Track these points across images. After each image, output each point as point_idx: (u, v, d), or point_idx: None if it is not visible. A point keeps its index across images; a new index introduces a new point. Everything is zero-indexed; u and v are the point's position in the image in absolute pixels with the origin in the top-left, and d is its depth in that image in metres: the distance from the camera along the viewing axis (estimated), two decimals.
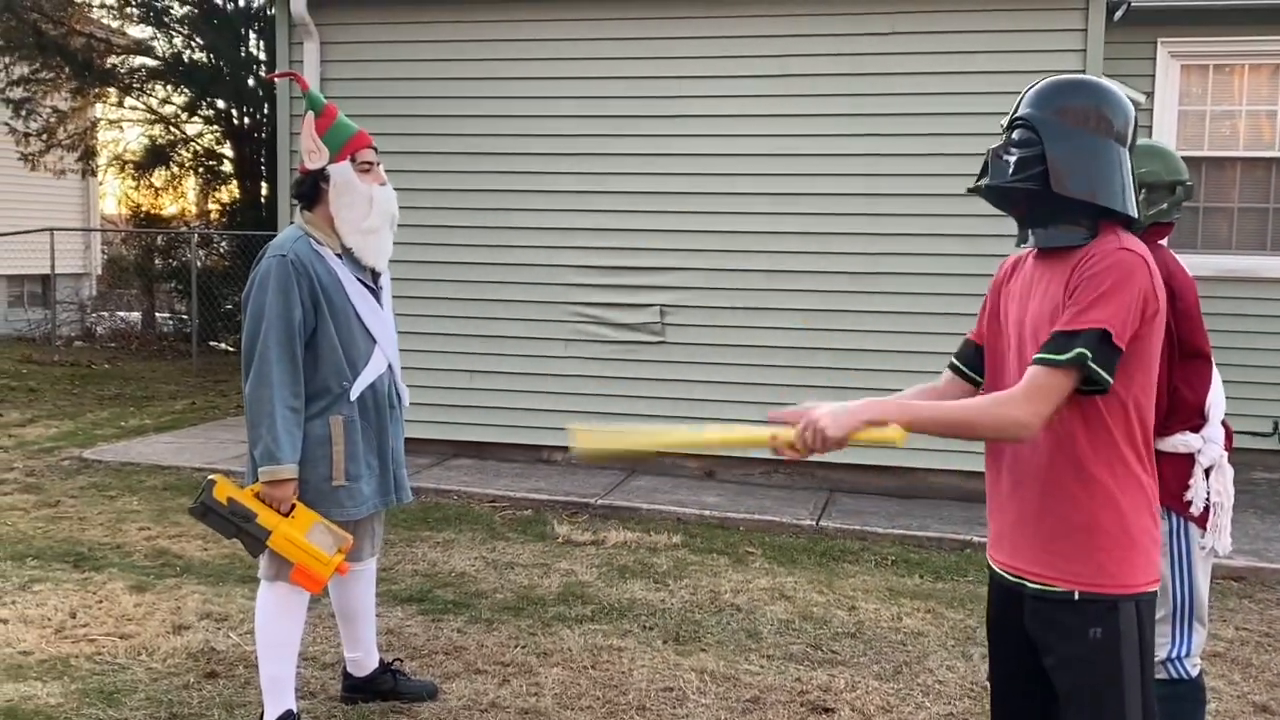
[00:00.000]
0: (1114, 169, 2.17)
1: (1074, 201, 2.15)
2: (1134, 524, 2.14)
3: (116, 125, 16.21)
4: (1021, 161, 2.19)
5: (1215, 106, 8.19)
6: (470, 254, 7.54)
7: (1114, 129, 2.18)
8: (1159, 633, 2.98)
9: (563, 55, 7.30)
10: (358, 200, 3.45)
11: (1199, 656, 3.06)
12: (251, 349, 3.33)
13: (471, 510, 6.50)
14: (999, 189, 2.22)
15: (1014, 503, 2.24)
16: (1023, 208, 2.23)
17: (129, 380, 11.62)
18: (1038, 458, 2.18)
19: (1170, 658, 3.00)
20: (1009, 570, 2.26)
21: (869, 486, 7.10)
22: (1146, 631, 2.16)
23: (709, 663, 4.29)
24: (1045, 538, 2.18)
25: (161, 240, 15.56)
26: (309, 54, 7.53)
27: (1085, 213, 2.17)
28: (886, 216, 6.92)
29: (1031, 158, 2.18)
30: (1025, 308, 2.24)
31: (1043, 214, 2.21)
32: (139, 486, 6.84)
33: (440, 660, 4.24)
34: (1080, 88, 2.21)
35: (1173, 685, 3.02)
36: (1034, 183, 2.17)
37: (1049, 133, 2.17)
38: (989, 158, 2.26)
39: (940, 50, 6.80)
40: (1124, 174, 2.18)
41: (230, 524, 3.32)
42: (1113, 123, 2.18)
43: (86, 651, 4.21)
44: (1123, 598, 2.13)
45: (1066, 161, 2.15)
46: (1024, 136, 2.20)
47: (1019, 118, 2.23)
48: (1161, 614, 2.97)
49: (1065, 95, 2.20)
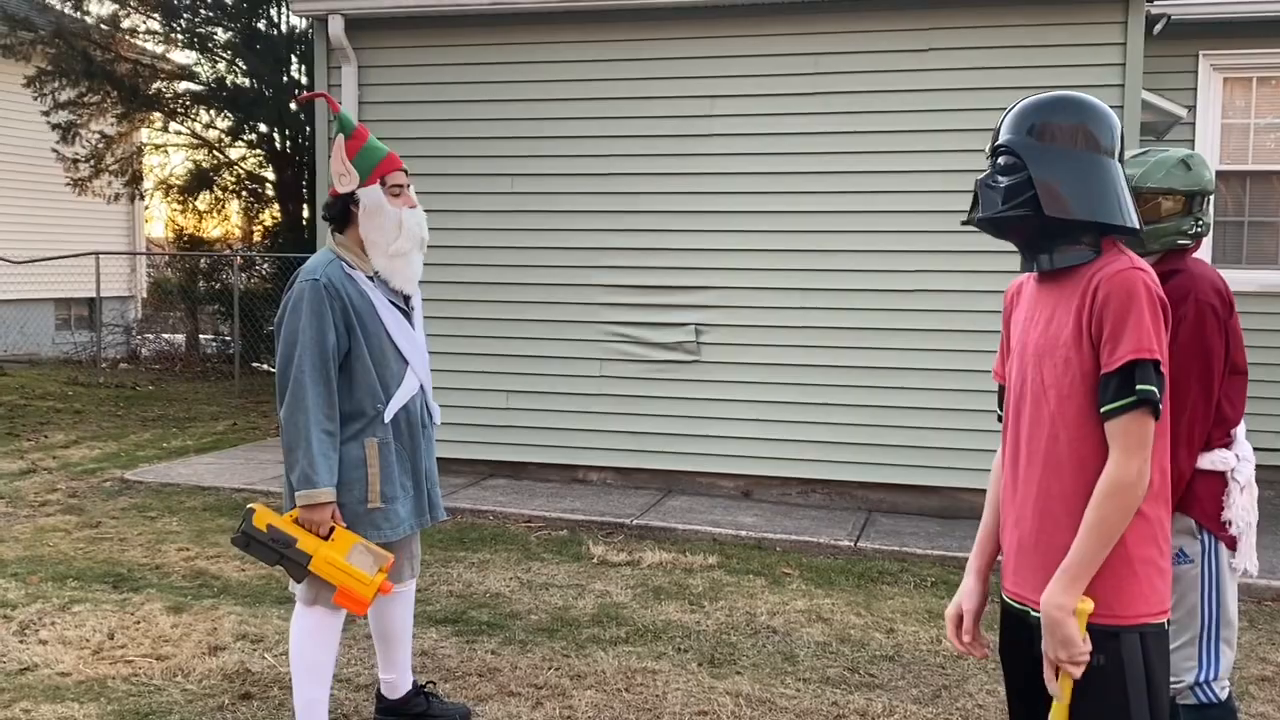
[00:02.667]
0: (1106, 184, 2.10)
1: (1072, 222, 2.09)
2: (1135, 554, 2.08)
3: (162, 150, 16.47)
4: (1010, 189, 2.13)
5: (1259, 120, 8.06)
6: (505, 274, 7.56)
7: (1100, 143, 2.12)
8: (1185, 655, 2.90)
9: (597, 76, 7.32)
10: (387, 224, 3.45)
11: (1227, 679, 2.97)
12: (286, 373, 3.34)
13: (507, 530, 6.49)
14: (992, 220, 2.17)
15: (1017, 531, 2.21)
16: (1021, 235, 2.18)
17: (172, 402, 11.76)
18: (1035, 486, 2.15)
19: (1199, 681, 2.91)
20: (1015, 598, 2.23)
21: (908, 507, 7.02)
22: (1154, 664, 2.08)
23: (744, 686, 4.24)
24: (1046, 566, 2.14)
25: (205, 263, 15.76)
26: (347, 78, 7.61)
27: (1086, 230, 2.12)
28: (923, 233, 6.86)
29: (1019, 184, 2.12)
30: (1029, 332, 2.19)
31: (1042, 239, 2.15)
32: (179, 507, 6.90)
33: (474, 682, 4.22)
34: (1058, 105, 2.14)
35: (1203, 710, 2.93)
36: (1027, 208, 2.11)
37: (1032, 156, 2.11)
38: (978, 189, 2.20)
39: (977, 66, 6.75)
40: (1118, 187, 2.12)
41: (273, 551, 3.33)
42: (1098, 137, 2.12)
43: (123, 673, 4.24)
44: (1125, 629, 2.07)
45: (1056, 183, 2.09)
46: (1008, 163, 2.14)
47: (1000, 145, 2.16)
48: (1189, 636, 2.90)
49: (1044, 114, 2.14)
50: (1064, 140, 2.12)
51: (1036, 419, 2.16)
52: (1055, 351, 2.11)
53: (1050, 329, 2.13)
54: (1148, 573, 2.09)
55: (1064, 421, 2.11)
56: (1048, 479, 2.13)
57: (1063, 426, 2.11)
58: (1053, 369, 2.12)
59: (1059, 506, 2.12)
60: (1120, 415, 2.02)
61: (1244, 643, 4.89)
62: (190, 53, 15.35)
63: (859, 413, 7.01)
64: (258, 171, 15.88)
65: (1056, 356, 2.11)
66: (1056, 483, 2.12)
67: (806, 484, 7.19)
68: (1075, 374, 2.09)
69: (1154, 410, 2.01)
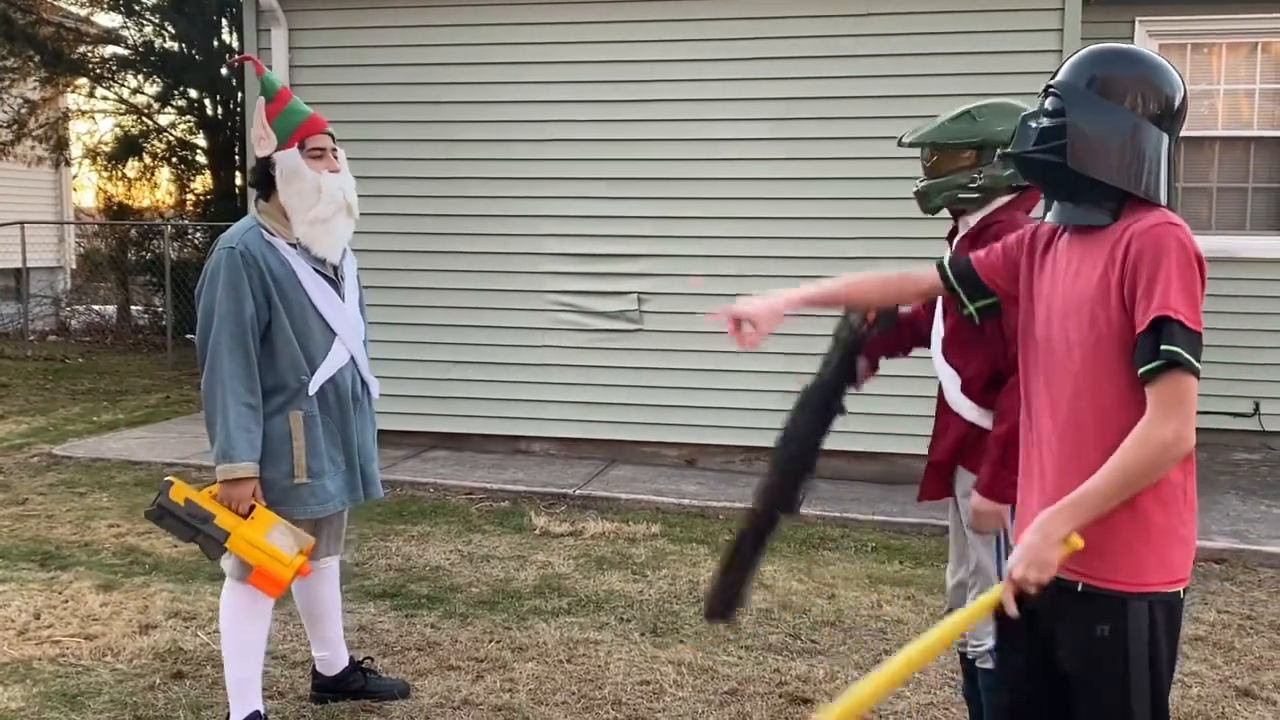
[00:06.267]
0: (1141, 150, 2.03)
1: (1093, 180, 2.04)
2: (1154, 520, 2.03)
3: (89, 116, 16.00)
4: (1045, 131, 2.07)
5: (1193, 86, 8.14)
6: (445, 243, 7.44)
7: (1151, 107, 2.04)
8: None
9: (535, 40, 7.20)
10: (305, 189, 3.31)
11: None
12: (204, 345, 3.24)
13: (448, 503, 6.42)
14: (1018, 157, 2.12)
15: (1039, 485, 2.16)
16: (1043, 180, 2.13)
17: (103, 375, 11.48)
18: (1057, 442, 2.10)
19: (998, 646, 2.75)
20: None
21: (850, 473, 7.05)
22: (1160, 635, 2.04)
23: (686, 655, 4.23)
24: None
25: (135, 232, 15.37)
26: (277, 41, 7.40)
27: (1108, 193, 2.05)
28: (861, 200, 6.85)
29: (1056, 128, 2.06)
30: (1056, 288, 2.14)
31: (1062, 189, 2.10)
32: (109, 483, 6.73)
33: (413, 657, 4.16)
34: (1121, 58, 2.07)
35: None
36: (1054, 155, 2.05)
37: (1077, 103, 2.04)
38: (1018, 124, 2.16)
39: (917, 31, 6.73)
40: (1155, 158, 2.04)
41: (188, 526, 3.21)
42: (1152, 100, 2.04)
43: (50, 654, 4.12)
44: (1133, 596, 2.02)
45: (1090, 137, 2.02)
46: (1054, 106, 2.08)
47: (1052, 85, 2.10)
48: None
49: (1102, 65, 2.06)
50: (1114, 96, 2.04)
51: (1060, 375, 2.11)
52: (1081, 308, 2.05)
53: (1077, 285, 2.08)
54: (1165, 541, 2.04)
55: (1087, 379, 2.06)
56: (1069, 436, 2.09)
57: (1086, 384, 2.06)
58: (1078, 326, 2.06)
59: (1077, 465, 2.06)
60: (1154, 377, 1.95)
61: None
62: (116, 15, 14.90)
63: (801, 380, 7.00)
64: (188, 138, 15.50)
65: (1083, 313, 2.05)
66: (1078, 441, 2.07)
67: (750, 452, 7.19)
68: (1101, 331, 2.03)
69: (1188, 370, 1.94)
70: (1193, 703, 3.91)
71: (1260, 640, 4.54)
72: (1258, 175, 8.14)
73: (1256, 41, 8.04)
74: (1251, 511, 6.35)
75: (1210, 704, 3.91)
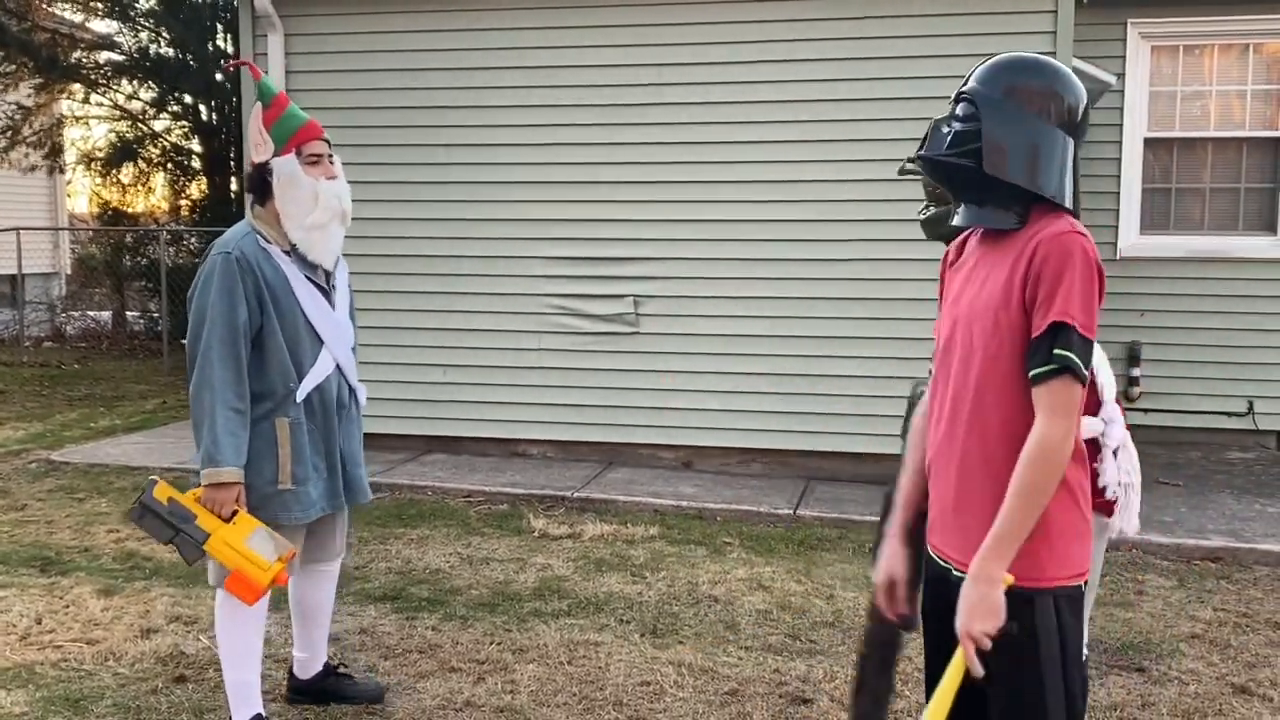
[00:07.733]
0: (1053, 156, 2.09)
1: (1006, 184, 2.09)
2: (1054, 518, 2.07)
3: (83, 121, 15.99)
4: (958, 136, 2.12)
5: (1185, 87, 8.19)
6: (442, 247, 7.45)
7: (1061, 115, 2.11)
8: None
9: (532, 44, 7.22)
10: (302, 195, 3.32)
11: (1085, 647, 3.01)
12: (195, 349, 3.24)
13: (446, 506, 6.43)
14: (931, 161, 2.16)
15: (942, 490, 2.20)
16: (955, 184, 2.17)
17: (99, 380, 11.48)
18: (960, 446, 2.14)
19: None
20: (940, 555, 2.22)
21: (846, 474, 7.07)
22: (1068, 625, 2.08)
23: (686, 655, 4.25)
24: (965, 528, 2.13)
25: (130, 238, 15.37)
26: (273, 47, 7.42)
27: (1017, 197, 2.11)
28: (860, 202, 6.88)
29: (969, 133, 2.11)
30: (965, 291, 2.19)
31: (973, 192, 2.15)
32: (108, 488, 6.73)
33: (414, 659, 4.18)
34: (1031, 68, 2.14)
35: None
36: (968, 159, 2.11)
37: (990, 110, 2.10)
38: (930, 128, 2.20)
39: (914, 34, 6.76)
40: (1064, 163, 2.10)
41: (168, 526, 3.18)
42: (1060, 108, 2.11)
43: (52, 658, 4.13)
44: (1038, 592, 2.06)
45: (1002, 143, 2.08)
46: (966, 111, 2.13)
47: (964, 92, 2.16)
48: None
49: (1014, 74, 2.13)
50: (1026, 104, 2.10)
51: (964, 379, 2.14)
52: (986, 314, 2.10)
53: (985, 290, 2.12)
54: (1064, 537, 2.08)
55: (990, 383, 2.09)
56: (971, 440, 2.12)
57: (989, 388, 2.10)
58: (982, 330, 2.11)
59: (981, 469, 2.10)
60: (1044, 380, 2.01)
61: (1174, 601, 5.01)
62: (111, 21, 14.90)
63: (797, 382, 7.04)
64: (183, 144, 15.50)
65: (987, 319, 2.09)
66: (980, 444, 2.11)
67: (746, 454, 7.22)
68: (1004, 336, 2.07)
69: (1077, 376, 2.00)
70: (1190, 700, 3.93)
71: (1256, 638, 4.57)
72: (1250, 176, 8.18)
73: (1248, 43, 8.08)
74: (1246, 510, 6.38)
75: (1207, 701, 3.94)
